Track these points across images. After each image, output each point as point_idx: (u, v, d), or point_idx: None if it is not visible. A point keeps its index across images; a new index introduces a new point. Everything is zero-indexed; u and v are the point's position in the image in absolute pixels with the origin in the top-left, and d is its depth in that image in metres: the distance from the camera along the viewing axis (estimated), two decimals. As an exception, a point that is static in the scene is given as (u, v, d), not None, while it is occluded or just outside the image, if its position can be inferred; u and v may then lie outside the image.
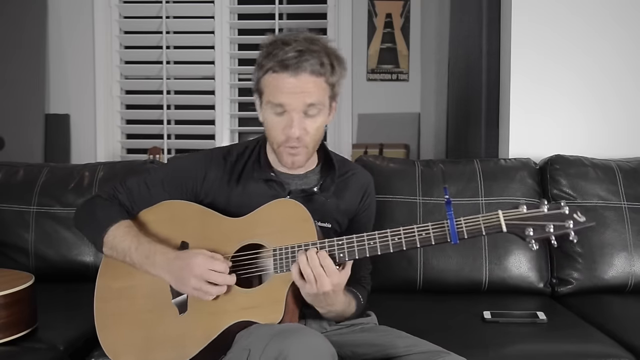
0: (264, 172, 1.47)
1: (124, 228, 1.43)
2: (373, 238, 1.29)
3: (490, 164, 2.13)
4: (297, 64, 1.32)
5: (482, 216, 1.25)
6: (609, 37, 2.33)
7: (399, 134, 3.49)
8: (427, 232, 1.27)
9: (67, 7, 3.50)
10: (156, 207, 1.48)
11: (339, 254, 1.29)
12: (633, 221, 2.02)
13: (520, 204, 1.25)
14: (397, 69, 3.55)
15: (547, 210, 1.22)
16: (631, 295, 1.98)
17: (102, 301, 1.44)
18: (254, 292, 1.33)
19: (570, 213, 1.22)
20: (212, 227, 1.41)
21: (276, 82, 1.35)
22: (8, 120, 3.19)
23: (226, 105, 3.57)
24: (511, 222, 1.23)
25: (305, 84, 1.34)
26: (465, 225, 1.25)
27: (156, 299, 1.38)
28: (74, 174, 2.15)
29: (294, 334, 1.16)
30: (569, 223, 1.20)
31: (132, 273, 1.42)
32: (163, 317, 1.37)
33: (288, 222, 1.35)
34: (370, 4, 3.53)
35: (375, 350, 1.35)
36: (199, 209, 1.44)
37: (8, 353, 1.48)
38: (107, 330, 1.42)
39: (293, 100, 1.34)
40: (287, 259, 1.31)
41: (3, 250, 2.06)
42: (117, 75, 3.59)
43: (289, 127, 1.36)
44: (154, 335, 1.37)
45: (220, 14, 3.53)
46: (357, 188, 1.55)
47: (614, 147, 2.33)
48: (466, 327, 1.68)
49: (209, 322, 1.32)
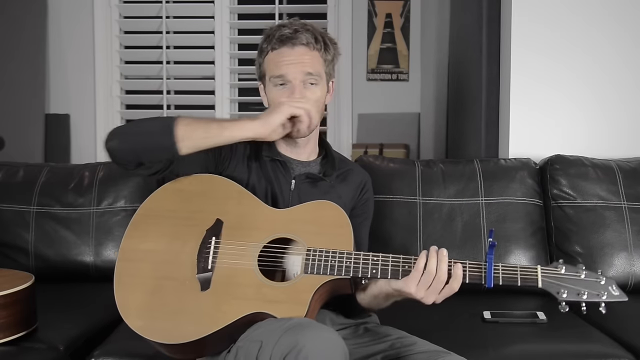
0: (272, 151, 1.52)
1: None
2: (409, 262, 1.30)
3: (490, 164, 2.13)
4: (293, 38, 1.46)
5: (520, 267, 1.29)
6: (609, 36, 2.33)
7: (399, 134, 3.49)
8: (464, 269, 1.29)
9: (67, 7, 3.50)
10: (194, 178, 1.46)
11: (371, 270, 1.31)
12: (633, 221, 2.02)
13: (559, 264, 1.28)
14: (397, 69, 3.55)
15: (584, 277, 1.26)
16: (631, 295, 1.95)
17: (124, 261, 1.39)
18: (280, 287, 1.33)
19: (606, 285, 1.26)
20: (249, 211, 1.41)
21: (276, 57, 1.47)
22: (8, 120, 3.19)
23: (226, 105, 3.57)
24: (548, 279, 1.27)
25: (301, 55, 1.46)
26: (502, 272, 1.29)
27: (181, 269, 1.36)
28: (74, 174, 2.15)
29: (308, 328, 1.16)
30: (602, 295, 1.25)
31: (161, 237, 1.40)
32: (184, 289, 1.34)
33: (326, 225, 1.37)
34: (370, 4, 3.53)
35: (376, 350, 1.35)
36: (237, 189, 1.44)
37: (8, 353, 1.48)
38: (125, 289, 1.36)
39: (292, 69, 1.45)
40: (320, 262, 1.32)
41: (3, 250, 2.06)
42: (117, 75, 3.58)
43: (290, 95, 1.44)
44: (171, 303, 1.34)
45: (220, 14, 3.53)
46: (356, 183, 1.59)
47: (614, 147, 2.33)
48: (466, 327, 1.68)
49: (230, 306, 1.31)
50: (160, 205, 1.44)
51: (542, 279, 1.26)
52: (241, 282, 1.33)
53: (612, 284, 1.26)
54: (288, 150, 1.54)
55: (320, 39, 1.48)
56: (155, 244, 1.39)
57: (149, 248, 1.39)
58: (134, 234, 1.42)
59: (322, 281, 1.32)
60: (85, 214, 2.08)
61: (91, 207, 2.09)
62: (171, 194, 1.45)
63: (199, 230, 1.39)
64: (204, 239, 1.37)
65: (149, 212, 1.44)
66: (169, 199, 1.45)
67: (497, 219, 2.02)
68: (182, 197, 1.44)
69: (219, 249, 1.37)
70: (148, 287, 1.35)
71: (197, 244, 1.37)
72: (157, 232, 1.41)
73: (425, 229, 2.00)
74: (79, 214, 2.08)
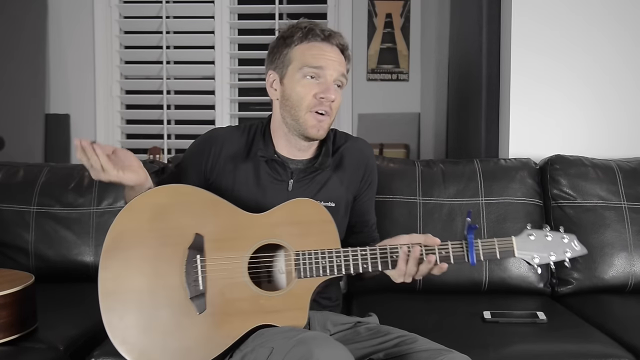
0: (268, 151, 1.50)
1: None
2: (396, 251, 1.34)
3: (490, 164, 2.13)
4: (333, 37, 1.46)
5: (497, 240, 1.37)
6: (610, 36, 2.33)
7: (399, 134, 3.49)
8: (447, 251, 1.35)
9: (67, 7, 3.50)
10: (161, 190, 1.39)
11: (362, 265, 1.33)
12: (633, 221, 2.02)
13: (528, 229, 1.39)
14: (397, 69, 3.55)
15: (550, 239, 1.38)
16: (631, 295, 1.98)
17: (108, 295, 1.31)
18: (277, 296, 1.32)
19: (569, 242, 1.38)
20: (228, 221, 1.36)
21: (313, 49, 1.44)
22: (8, 120, 3.19)
23: (226, 105, 3.57)
24: (522, 251, 1.37)
25: (339, 55, 1.47)
26: (482, 248, 1.36)
27: (172, 295, 1.31)
28: (74, 174, 2.15)
29: (321, 343, 1.16)
30: (567, 252, 1.38)
31: (142, 262, 1.32)
32: (180, 315, 1.30)
33: (309, 223, 1.36)
34: (370, 4, 3.53)
35: (378, 349, 1.35)
36: (211, 198, 1.38)
37: (8, 353, 1.47)
38: (118, 329, 1.31)
39: (333, 65, 1.44)
40: (311, 265, 1.32)
41: (3, 250, 2.06)
42: (117, 75, 3.59)
43: (326, 90, 1.42)
44: (172, 336, 1.29)
45: (220, 14, 3.53)
46: (353, 163, 1.57)
47: (614, 147, 2.33)
48: (466, 327, 1.67)
49: (232, 325, 1.30)
50: (132, 227, 1.34)
51: (517, 250, 1.36)
52: (237, 298, 1.31)
53: (574, 239, 1.39)
54: (289, 152, 1.51)
55: (347, 47, 1.49)
56: (138, 271, 1.32)
57: (132, 278, 1.32)
58: (111, 263, 1.33)
59: (317, 283, 1.33)
60: (85, 214, 2.08)
61: (91, 207, 2.09)
62: (139, 212, 1.36)
63: (181, 249, 1.33)
64: (188, 257, 1.32)
65: (121, 236, 1.34)
66: (138, 218, 1.35)
67: (497, 219, 2.02)
68: (153, 214, 1.35)
69: (207, 267, 1.33)
70: (142, 321, 1.30)
71: (182, 264, 1.32)
72: (136, 257, 1.33)
73: (425, 229, 2.00)
74: (79, 214, 2.08)
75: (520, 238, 1.37)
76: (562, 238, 1.38)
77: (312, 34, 1.44)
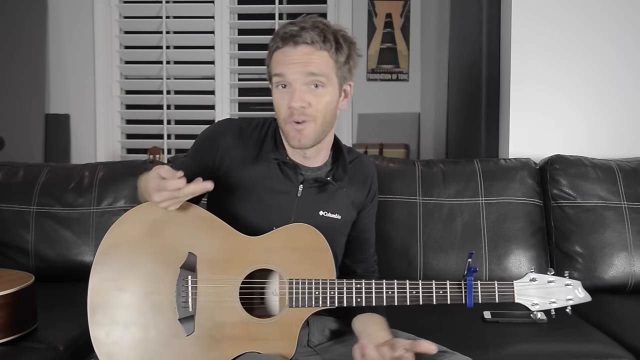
0: (280, 153, 1.43)
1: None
2: (392, 287, 1.33)
3: (490, 164, 2.13)
4: (297, 36, 1.32)
5: (498, 284, 1.35)
6: (609, 37, 2.33)
7: (399, 134, 3.49)
8: (445, 291, 1.35)
9: (67, 7, 3.50)
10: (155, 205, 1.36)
11: (356, 299, 1.31)
12: (633, 221, 2.02)
13: (531, 273, 1.37)
14: (397, 69, 3.55)
15: (554, 285, 1.36)
16: (631, 295, 1.98)
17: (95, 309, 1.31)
18: (267, 324, 1.30)
19: (573, 289, 1.36)
20: (222, 242, 1.33)
21: (279, 56, 1.34)
22: (8, 120, 3.19)
23: (226, 105, 3.57)
24: (522, 296, 1.36)
25: (304, 54, 1.33)
26: (481, 291, 1.35)
27: (162, 315, 1.29)
28: (74, 174, 2.15)
29: None
30: (570, 300, 1.36)
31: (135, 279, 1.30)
32: (168, 336, 1.28)
33: (305, 250, 1.32)
34: (370, 4, 3.53)
35: None
36: (206, 216, 1.35)
37: (8, 353, 1.47)
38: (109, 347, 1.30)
39: (292, 69, 1.32)
40: (304, 295, 1.30)
41: (3, 250, 2.06)
42: (117, 75, 3.59)
43: (291, 99, 1.32)
44: (161, 355, 1.28)
45: (220, 14, 3.54)
46: (363, 176, 1.54)
47: (614, 147, 2.33)
48: (466, 327, 1.67)
49: (220, 349, 1.28)
50: (125, 240, 1.32)
51: (517, 296, 1.35)
52: (226, 322, 1.29)
53: (578, 287, 1.36)
54: (297, 157, 1.44)
55: (330, 37, 1.34)
56: (128, 287, 1.30)
57: (121, 293, 1.30)
58: (101, 276, 1.32)
59: (309, 314, 1.31)
60: (85, 214, 2.08)
61: (91, 207, 2.09)
62: (132, 225, 1.33)
63: (173, 268, 1.30)
64: (179, 277, 1.30)
65: (113, 248, 1.32)
66: (132, 231, 1.32)
67: (497, 219, 2.02)
68: (148, 229, 1.32)
69: (197, 288, 1.30)
70: (129, 339, 1.28)
71: (173, 283, 1.30)
72: (127, 272, 1.31)
73: (425, 229, 2.00)
74: (79, 214, 2.08)
75: (521, 282, 1.35)
76: (567, 285, 1.36)
77: (278, 39, 1.34)
